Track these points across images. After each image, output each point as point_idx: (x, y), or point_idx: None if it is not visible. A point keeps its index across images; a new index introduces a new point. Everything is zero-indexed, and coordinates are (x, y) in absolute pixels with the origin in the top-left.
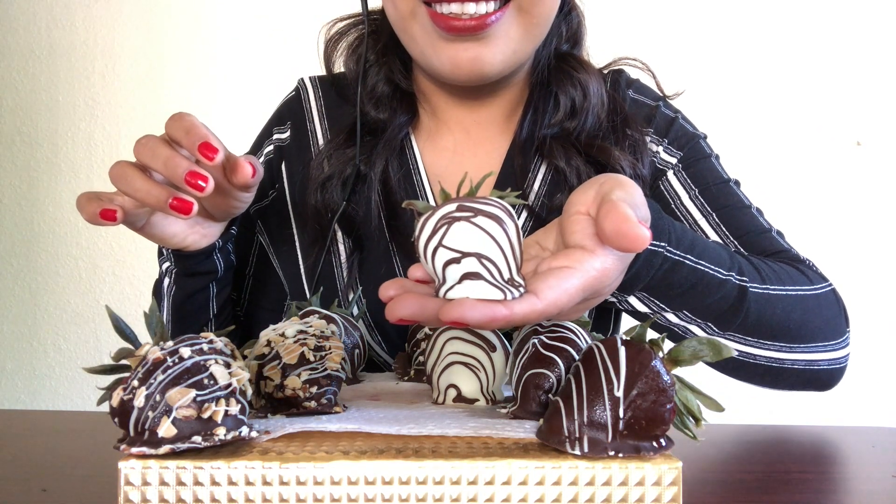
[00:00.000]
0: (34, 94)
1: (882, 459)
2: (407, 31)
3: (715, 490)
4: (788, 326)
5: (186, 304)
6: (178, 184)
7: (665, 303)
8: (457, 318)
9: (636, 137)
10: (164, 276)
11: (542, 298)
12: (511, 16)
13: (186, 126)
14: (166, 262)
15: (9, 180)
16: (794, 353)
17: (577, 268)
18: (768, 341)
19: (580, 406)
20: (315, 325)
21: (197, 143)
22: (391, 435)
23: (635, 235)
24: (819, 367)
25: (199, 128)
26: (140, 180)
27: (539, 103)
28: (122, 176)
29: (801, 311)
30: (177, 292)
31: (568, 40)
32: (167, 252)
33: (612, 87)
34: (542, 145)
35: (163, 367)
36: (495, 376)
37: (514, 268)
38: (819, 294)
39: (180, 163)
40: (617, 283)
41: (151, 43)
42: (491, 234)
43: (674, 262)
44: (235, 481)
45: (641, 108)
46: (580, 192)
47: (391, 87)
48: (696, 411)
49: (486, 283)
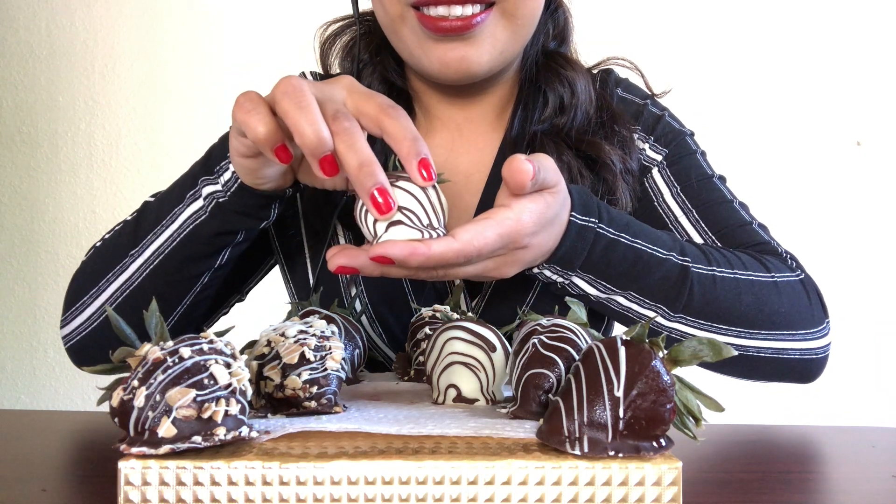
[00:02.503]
0: (34, 94)
1: (882, 459)
2: (396, 33)
3: (715, 490)
4: (741, 310)
5: (201, 245)
6: (309, 154)
7: (609, 282)
8: (380, 253)
9: (624, 134)
10: (187, 203)
11: (458, 238)
12: (496, 18)
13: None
14: (213, 187)
15: (9, 180)
16: (757, 339)
17: (492, 217)
18: (724, 326)
19: (580, 406)
20: (315, 325)
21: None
22: (391, 435)
23: (516, 166)
24: (790, 356)
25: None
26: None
27: (529, 100)
28: (259, 109)
29: (752, 297)
30: (206, 224)
31: (555, 37)
32: (229, 179)
33: (602, 86)
34: (532, 141)
35: (163, 367)
36: (495, 376)
37: (435, 219)
38: (778, 282)
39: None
40: (541, 243)
41: (151, 43)
42: (410, 192)
43: (609, 239)
44: (235, 481)
45: (630, 105)
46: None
47: (386, 87)
48: (696, 411)
49: (406, 227)
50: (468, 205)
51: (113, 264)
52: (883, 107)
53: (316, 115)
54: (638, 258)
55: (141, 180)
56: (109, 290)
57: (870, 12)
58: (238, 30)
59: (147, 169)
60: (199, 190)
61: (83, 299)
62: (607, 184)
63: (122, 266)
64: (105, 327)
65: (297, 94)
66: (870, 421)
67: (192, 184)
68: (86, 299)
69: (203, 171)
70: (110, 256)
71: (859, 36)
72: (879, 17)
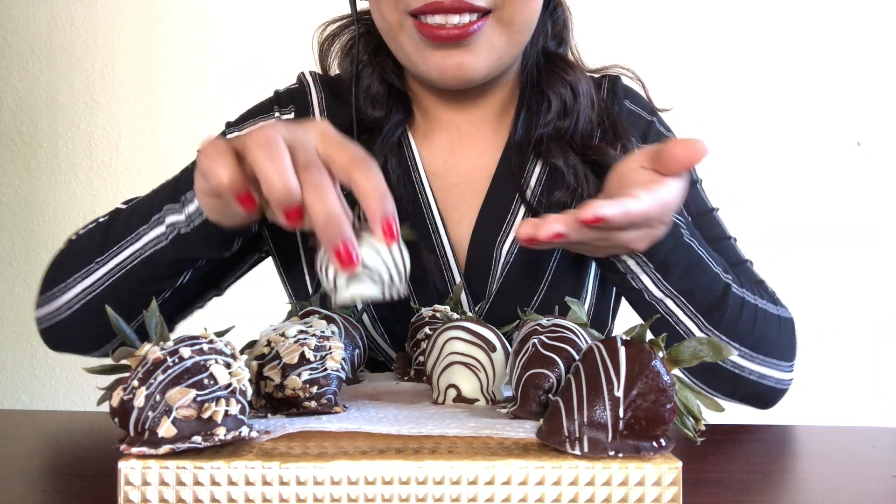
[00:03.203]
0: (34, 94)
1: (882, 459)
2: (395, 40)
3: (715, 490)
4: (753, 335)
5: (161, 268)
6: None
7: (670, 282)
8: (594, 214)
9: (624, 142)
10: (151, 226)
11: (641, 199)
12: (492, 26)
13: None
14: (176, 216)
15: (9, 180)
16: (752, 362)
17: (651, 188)
18: (735, 343)
19: (580, 406)
20: (315, 325)
21: (384, 222)
22: (391, 435)
23: (699, 146)
24: (768, 383)
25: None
26: (236, 168)
27: (531, 103)
28: (223, 157)
29: (763, 324)
30: (165, 251)
31: (555, 37)
32: (194, 212)
33: (610, 94)
34: (539, 144)
35: (163, 367)
36: (495, 376)
37: (396, 276)
38: (781, 317)
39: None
40: (669, 221)
41: (151, 43)
42: (374, 248)
43: (684, 242)
44: (235, 481)
45: (638, 119)
46: (624, 161)
47: (385, 87)
48: (696, 411)
49: (369, 283)
50: (470, 206)
51: (80, 266)
52: (883, 107)
53: (286, 167)
54: (697, 263)
55: (141, 180)
56: (76, 289)
57: (870, 13)
58: (237, 30)
59: (147, 169)
60: (163, 216)
61: (53, 290)
62: None
63: (88, 270)
64: (71, 322)
65: (269, 145)
66: (870, 421)
67: (159, 206)
68: (55, 291)
69: (170, 197)
70: (79, 257)
71: (859, 37)
72: (879, 17)
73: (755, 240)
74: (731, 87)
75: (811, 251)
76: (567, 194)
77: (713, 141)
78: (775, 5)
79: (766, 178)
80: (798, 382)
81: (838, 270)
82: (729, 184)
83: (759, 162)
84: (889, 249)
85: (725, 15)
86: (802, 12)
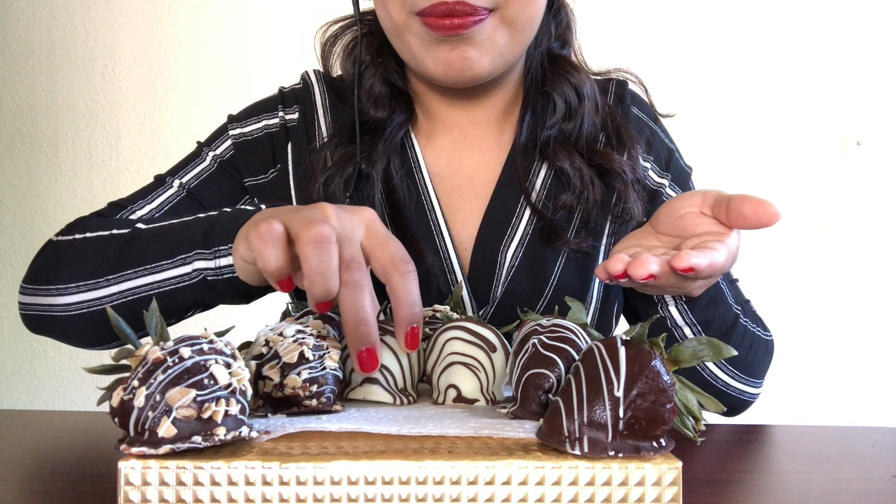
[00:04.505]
0: (34, 94)
1: (882, 459)
2: (400, 38)
3: (715, 490)
4: (747, 359)
5: (176, 304)
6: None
7: (695, 314)
8: (686, 265)
9: (630, 149)
10: (175, 264)
11: (721, 252)
12: (495, 23)
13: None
14: (205, 263)
15: (9, 180)
16: (738, 381)
17: (724, 241)
18: (731, 366)
19: (580, 406)
20: (312, 325)
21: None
22: (391, 435)
23: (772, 211)
24: (742, 396)
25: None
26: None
27: (536, 105)
28: (277, 241)
29: (755, 349)
30: (185, 291)
31: (558, 38)
32: (225, 266)
33: (616, 99)
34: (545, 147)
35: (163, 367)
36: (495, 376)
37: (409, 383)
38: (768, 342)
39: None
40: None
41: (151, 43)
42: (394, 351)
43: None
44: (235, 481)
45: (643, 127)
46: (682, 199)
47: (388, 88)
48: (696, 411)
49: (381, 388)
50: (473, 208)
51: (86, 275)
52: (883, 107)
53: (333, 274)
54: (718, 295)
55: (141, 180)
56: (79, 297)
57: (869, 13)
58: (238, 30)
59: (147, 169)
60: (191, 259)
61: (48, 287)
62: (619, 193)
63: (96, 284)
64: (70, 323)
65: (321, 246)
66: (870, 421)
67: (188, 245)
68: (51, 288)
69: (201, 242)
70: (85, 265)
71: (859, 37)
72: (879, 17)
73: (755, 239)
74: (731, 86)
75: (811, 251)
76: (573, 198)
77: (713, 141)
78: (776, 5)
79: (766, 178)
80: (798, 383)
81: (838, 270)
82: (729, 184)
83: (759, 162)
84: (889, 249)
85: (725, 15)
86: (803, 12)
